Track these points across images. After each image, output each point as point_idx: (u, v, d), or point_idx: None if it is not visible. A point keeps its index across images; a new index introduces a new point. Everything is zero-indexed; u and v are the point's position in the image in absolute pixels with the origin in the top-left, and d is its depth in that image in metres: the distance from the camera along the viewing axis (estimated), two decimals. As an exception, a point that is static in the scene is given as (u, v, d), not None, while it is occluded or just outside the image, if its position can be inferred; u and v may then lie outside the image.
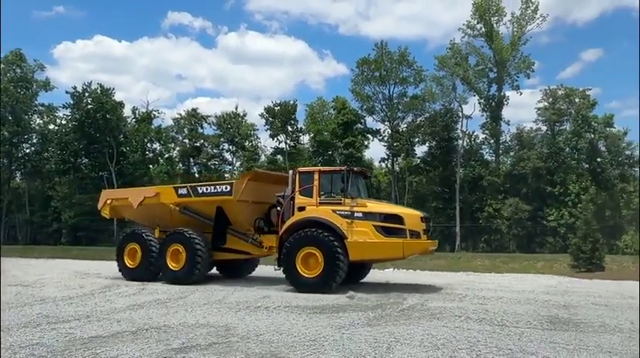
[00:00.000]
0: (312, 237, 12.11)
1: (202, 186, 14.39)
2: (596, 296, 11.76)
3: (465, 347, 6.54)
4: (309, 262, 12.12)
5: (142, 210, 15.00)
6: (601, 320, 8.48)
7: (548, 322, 8.33)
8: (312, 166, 24.78)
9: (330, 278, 11.82)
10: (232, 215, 13.78)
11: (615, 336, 7.30)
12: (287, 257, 12.31)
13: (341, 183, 12.33)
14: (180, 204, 14.32)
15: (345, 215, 12.12)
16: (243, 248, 14.02)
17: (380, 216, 12.18)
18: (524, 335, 7.34)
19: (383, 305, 10.00)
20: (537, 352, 6.35)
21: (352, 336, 7.18)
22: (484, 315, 8.85)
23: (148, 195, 15.04)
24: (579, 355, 6.23)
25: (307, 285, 11.90)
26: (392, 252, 12.05)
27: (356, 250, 11.87)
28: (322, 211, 12.38)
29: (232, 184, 13.50)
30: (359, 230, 11.95)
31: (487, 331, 7.59)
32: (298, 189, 12.85)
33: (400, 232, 11.90)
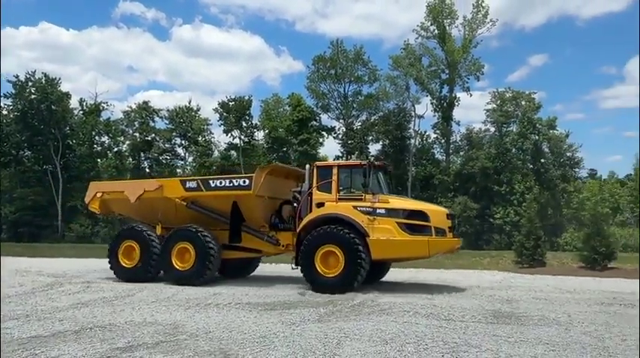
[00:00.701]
0: (332, 234, 11.56)
1: (215, 179, 13.47)
2: (536, 291, 12.28)
3: (412, 342, 6.68)
4: (329, 261, 11.56)
5: (140, 204, 13.86)
6: (541, 313, 8.86)
7: (492, 316, 8.64)
8: (265, 162, 24.53)
9: (351, 277, 11.27)
10: (248, 211, 12.99)
11: (553, 328, 7.64)
12: (305, 255, 11.73)
13: (362, 178, 11.82)
14: (188, 198, 13.32)
15: (366, 211, 11.61)
16: (258, 246, 13.37)
17: (404, 213, 11.67)
18: (469, 328, 7.58)
19: (334, 302, 10.07)
20: (481, 345, 6.57)
21: (302, 332, 7.20)
22: (432, 310, 9.07)
23: (148, 188, 13.88)
24: (520, 347, 6.48)
25: (327, 285, 11.33)
26: (416, 250, 11.56)
27: (378, 248, 11.35)
28: (342, 207, 11.84)
29: (251, 178, 12.64)
30: (381, 227, 11.45)
31: (434, 325, 7.78)
32: (316, 185, 12.26)
33: (425, 229, 11.43)
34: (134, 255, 13.42)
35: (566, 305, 10.01)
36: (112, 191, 14.75)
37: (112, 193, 14.63)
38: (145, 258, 13.23)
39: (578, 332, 7.43)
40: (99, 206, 14.78)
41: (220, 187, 13.04)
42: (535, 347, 6.48)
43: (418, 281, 14.29)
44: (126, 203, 14.09)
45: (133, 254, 13.44)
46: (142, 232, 13.49)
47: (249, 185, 12.54)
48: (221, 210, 13.21)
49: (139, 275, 13.19)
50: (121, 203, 14.44)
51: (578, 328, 7.69)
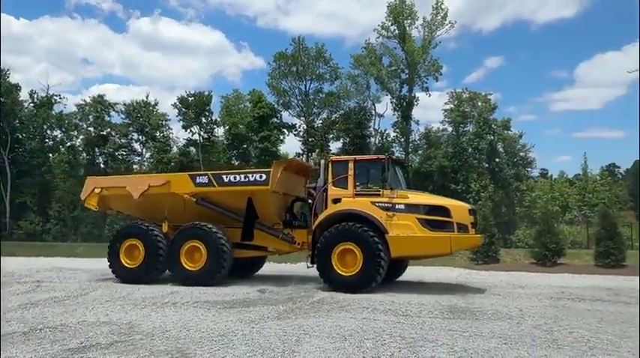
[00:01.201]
0: (349, 231, 11.16)
1: (229, 174, 12.78)
2: (491, 287, 12.65)
3: (371, 338, 6.76)
4: (346, 259, 11.18)
5: (144, 201, 13.07)
6: (494, 308, 9.13)
7: (448, 311, 8.84)
8: (225, 159, 24.14)
9: (371, 276, 10.89)
10: (263, 207, 12.51)
11: (506, 322, 7.89)
12: (322, 253, 11.34)
13: (380, 173, 11.46)
14: (198, 194, 12.70)
15: (385, 207, 11.22)
16: (272, 244, 13.03)
17: (424, 208, 11.29)
18: (426, 324, 7.73)
19: (293, 299, 10.08)
20: (437, 339, 6.71)
21: (262, 330, 7.17)
22: (390, 306, 9.20)
23: (154, 183, 13.14)
24: (474, 341, 6.66)
25: (345, 284, 10.98)
26: (438, 247, 11.20)
27: (398, 245, 10.99)
28: (360, 203, 11.47)
29: (269, 173, 12.12)
30: (401, 223, 11.09)
31: (392, 321, 7.90)
32: (332, 180, 11.91)
33: (447, 225, 11.05)
34: (137, 255, 12.67)
35: (518, 300, 10.35)
36: (113, 186, 13.87)
37: (112, 189, 13.77)
38: (150, 258, 12.50)
39: (529, 325, 7.70)
40: (97, 202, 13.90)
41: (235, 183, 12.42)
42: (489, 341, 6.67)
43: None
44: (128, 199, 13.31)
45: (136, 253, 12.70)
46: (147, 230, 12.73)
47: (266, 180, 12.03)
48: (234, 206, 12.69)
49: (143, 276, 12.48)
50: (122, 199, 13.68)
51: (529, 322, 7.97)
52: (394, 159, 12.05)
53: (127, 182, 13.81)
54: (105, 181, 14.72)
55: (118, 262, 12.82)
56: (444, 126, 43.57)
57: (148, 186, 13.04)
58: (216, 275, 12.09)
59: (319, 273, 11.54)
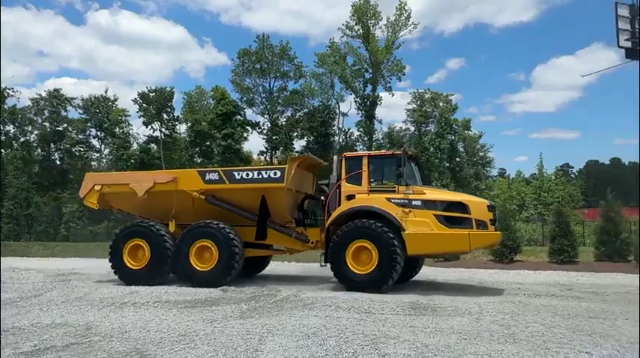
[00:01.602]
0: (364, 228, 10.85)
1: (241, 170, 12.38)
2: (451, 283, 12.92)
3: (334, 335, 6.79)
4: (361, 257, 10.92)
5: (148, 199, 12.50)
6: (454, 304, 9.32)
7: (409, 308, 8.97)
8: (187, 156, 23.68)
9: (386, 275, 10.60)
10: (276, 205, 12.08)
11: (465, 318, 8.08)
12: (335, 252, 11.05)
13: (396, 169, 11.16)
14: (208, 191, 12.26)
15: (401, 203, 10.93)
16: (284, 243, 12.69)
17: (442, 205, 10.98)
18: (388, 321, 7.83)
19: (257, 297, 10.02)
20: (399, 336, 6.80)
21: (224, 329, 7.10)
22: (353, 304, 9.26)
23: (160, 180, 12.54)
24: (435, 337, 6.80)
25: (359, 283, 10.73)
26: (456, 244, 10.94)
27: (415, 243, 10.68)
28: (375, 200, 11.18)
29: (283, 169, 11.74)
30: (418, 220, 10.80)
31: (355, 319, 7.96)
32: (345, 176, 11.62)
33: (465, 222, 10.73)
34: (142, 255, 12.16)
35: (477, 296, 10.60)
36: (115, 183, 13.20)
37: (114, 186, 13.12)
38: (156, 258, 11.96)
39: (488, 321, 7.90)
40: (98, 200, 13.16)
41: (247, 180, 11.98)
42: (449, 337, 6.81)
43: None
44: (131, 197, 12.68)
45: (141, 254, 12.19)
46: (153, 229, 12.17)
47: (281, 177, 11.65)
48: (245, 204, 12.28)
49: (149, 278, 11.93)
50: (124, 197, 13.04)
51: (488, 317, 8.18)
52: (409, 154, 11.73)
53: (131, 179, 13.11)
54: (106, 177, 14.00)
55: (121, 263, 12.23)
56: (407, 126, 44.30)
57: (154, 183, 12.47)
58: (228, 276, 11.67)
59: (333, 272, 11.24)
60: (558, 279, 14.05)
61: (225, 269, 11.63)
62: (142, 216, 13.36)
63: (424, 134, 42.34)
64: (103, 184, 13.11)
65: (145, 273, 11.98)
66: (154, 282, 11.80)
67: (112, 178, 13.93)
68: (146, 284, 11.70)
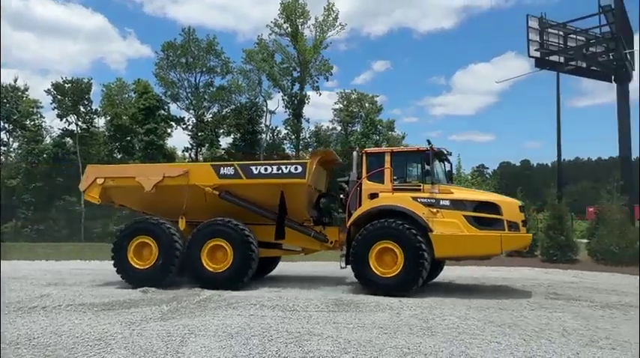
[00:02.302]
0: (389, 228, 10.26)
1: (259, 165, 11.66)
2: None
3: (258, 334, 6.76)
4: (385, 259, 10.36)
5: (157, 194, 11.66)
6: (376, 300, 9.56)
7: (333, 304, 9.11)
8: (106, 152, 22.55)
9: (412, 278, 10.06)
10: (295, 203, 11.42)
11: (386, 313, 8.33)
12: (358, 253, 10.48)
13: (422, 166, 10.79)
14: (222, 187, 11.52)
15: (427, 203, 10.44)
16: (302, 243, 12.12)
17: (472, 205, 10.46)
18: (313, 317, 7.91)
19: (179, 298, 9.75)
20: (323, 332, 6.89)
21: (143, 332, 6.85)
22: (278, 302, 9.26)
23: (170, 173, 11.70)
24: (357, 332, 6.96)
25: (383, 287, 10.18)
26: (487, 247, 10.32)
27: (443, 245, 10.17)
28: (400, 198, 10.63)
29: (305, 164, 11.13)
30: (446, 221, 10.30)
31: (279, 316, 7.97)
32: (368, 174, 11.12)
33: (496, 223, 10.23)
34: (149, 254, 11.35)
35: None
36: (120, 177, 12.24)
37: (118, 179, 12.17)
38: (165, 258, 11.16)
39: (407, 315, 8.20)
40: (100, 194, 12.23)
41: (266, 175, 11.28)
42: (370, 332, 7.00)
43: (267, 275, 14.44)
44: (137, 192, 11.82)
45: (148, 253, 11.38)
46: (161, 226, 11.35)
47: (302, 173, 11.04)
48: (262, 201, 11.60)
49: (156, 279, 11.14)
50: (129, 192, 12.11)
51: (408, 312, 8.49)
52: (436, 150, 11.10)
53: (137, 171, 12.24)
54: (110, 170, 12.97)
55: (126, 263, 11.40)
56: (334, 125, 44.93)
57: (163, 176, 11.65)
58: (244, 278, 11.05)
59: (355, 275, 10.70)
60: (473, 274, 14.83)
61: (241, 271, 11.01)
62: (147, 212, 12.61)
63: (350, 134, 43.12)
64: (105, 177, 12.21)
65: (152, 274, 11.21)
66: (161, 284, 11.09)
67: (117, 171, 12.95)
68: (153, 285, 11.00)
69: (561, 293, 11.15)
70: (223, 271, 10.99)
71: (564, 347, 6.30)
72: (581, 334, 7.01)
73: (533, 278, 13.69)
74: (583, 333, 7.06)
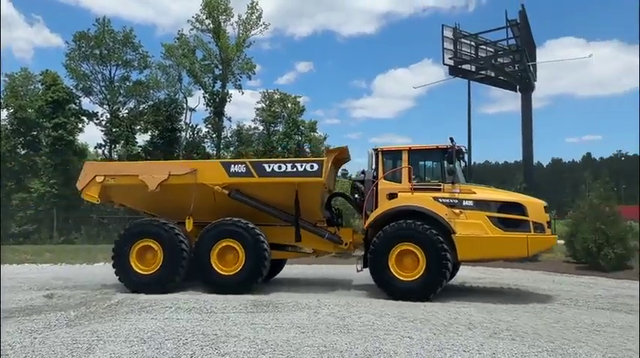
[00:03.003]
0: (410, 229, 9.85)
1: (272, 162, 10.99)
2: (293, 280, 13.30)
3: (172, 338, 6.57)
4: (404, 262, 9.94)
5: (161, 193, 10.91)
6: (295, 300, 9.62)
7: (252, 305, 9.05)
8: (9, 147, 20.81)
9: (434, 282, 9.68)
10: (309, 203, 10.89)
11: (304, 313, 8.40)
12: (376, 255, 10.02)
13: (441, 164, 10.44)
14: (232, 185, 10.87)
15: (450, 203, 10.06)
16: (315, 245, 11.57)
17: (496, 205, 10.10)
18: (230, 319, 7.81)
19: (87, 303, 9.24)
20: (240, 334, 6.83)
21: (46, 340, 6.42)
22: (194, 304, 9.04)
23: (176, 171, 10.96)
24: (275, 332, 6.96)
25: (404, 291, 9.76)
26: (513, 249, 9.97)
27: (466, 247, 9.81)
28: (420, 199, 10.22)
29: (321, 163, 10.55)
30: (470, 222, 9.93)
31: (196, 319, 7.79)
32: (386, 173, 10.76)
33: (522, 225, 9.89)
34: (153, 258, 10.70)
35: (317, 291, 11.08)
36: (121, 174, 11.40)
37: (119, 178, 11.34)
38: (171, 262, 10.55)
39: (325, 314, 8.32)
40: (99, 193, 11.39)
41: (280, 173, 10.72)
42: (288, 331, 7.03)
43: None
44: (138, 191, 11.09)
45: (151, 257, 10.73)
46: (167, 228, 10.70)
47: (319, 171, 10.51)
48: (276, 201, 11.04)
49: (162, 284, 10.49)
50: (131, 191, 11.34)
51: (325, 310, 8.61)
52: (457, 148, 10.66)
53: (140, 169, 11.44)
54: (110, 167, 12.31)
55: (128, 268, 10.70)
56: (256, 125, 44.58)
57: (169, 174, 10.95)
58: (257, 280, 10.59)
59: (374, 278, 10.28)
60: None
61: (253, 274, 10.52)
62: (149, 212, 11.98)
63: (273, 134, 43.00)
64: (105, 175, 11.41)
65: (156, 279, 10.58)
66: (165, 289, 10.47)
67: (118, 168, 12.25)
68: (157, 291, 10.31)
69: (470, 288, 11.83)
70: (235, 274, 10.52)
71: (470, 339, 6.69)
72: (485, 326, 7.49)
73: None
74: (487, 326, 7.54)
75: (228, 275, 10.54)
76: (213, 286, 10.61)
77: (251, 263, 10.50)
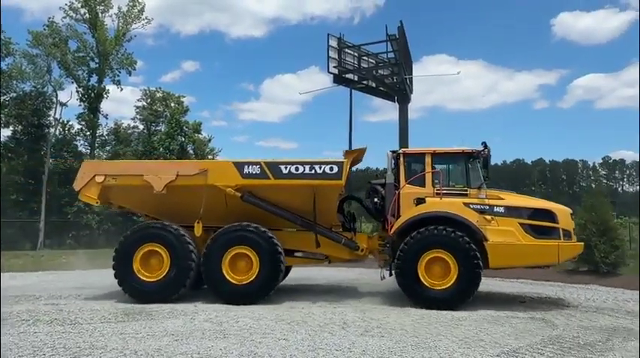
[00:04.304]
0: (442, 236, 9.46)
1: (289, 164, 10.12)
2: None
3: (28, 353, 6.02)
4: (433, 270, 9.55)
5: (167, 195, 10.12)
6: (170, 307, 9.28)
7: (122, 314, 8.58)
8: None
9: (466, 290, 9.37)
10: (325, 207, 10.31)
11: (180, 320, 8.15)
12: (406, 263, 9.56)
13: (466, 169, 10.21)
14: (245, 187, 10.14)
15: (480, 210, 9.74)
16: (331, 251, 10.85)
17: (527, 212, 9.83)
18: (97, 330, 7.33)
19: None
20: (107, 345, 6.43)
21: None
22: (57, 316, 8.37)
23: (185, 172, 10.19)
24: (146, 341, 6.67)
25: (435, 300, 9.36)
26: (544, 257, 9.76)
27: (499, 255, 9.51)
28: (451, 204, 9.81)
29: (341, 164, 9.95)
30: (502, 229, 9.63)
31: (57, 332, 7.20)
32: (406, 177, 10.33)
33: (553, 232, 9.73)
34: (159, 265, 9.98)
35: (195, 298, 10.67)
36: (124, 174, 10.49)
37: (122, 178, 10.43)
38: (178, 269, 9.86)
39: (201, 319, 8.16)
40: (99, 194, 10.50)
41: (297, 175, 10.01)
42: (161, 340, 6.76)
43: (47, 286, 12.89)
44: (142, 192, 10.26)
45: (156, 263, 10.01)
46: (174, 232, 10.02)
47: (339, 173, 9.92)
48: (291, 204, 10.41)
49: (166, 292, 9.83)
50: (133, 192, 10.53)
51: (202, 316, 8.44)
52: (486, 153, 10.30)
53: (146, 169, 10.53)
54: (111, 167, 11.18)
55: (131, 274, 9.95)
56: (136, 124, 42.30)
57: (177, 175, 10.14)
58: (271, 289, 9.97)
59: (402, 286, 9.78)
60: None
61: (268, 283, 9.90)
62: (153, 216, 11.23)
63: (154, 134, 41.10)
64: (106, 175, 10.47)
65: (162, 287, 9.87)
66: (171, 298, 9.82)
67: (120, 168, 11.07)
68: (162, 300, 9.66)
69: (345, 289, 12.30)
70: (249, 283, 9.87)
71: (343, 338, 6.96)
72: (358, 325, 7.84)
73: (331, 276, 14.77)
74: (360, 325, 7.90)
75: (242, 284, 9.90)
76: (224, 296, 9.93)
77: (266, 271, 9.93)
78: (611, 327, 8.08)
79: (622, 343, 6.99)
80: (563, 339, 7.15)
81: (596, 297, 11.51)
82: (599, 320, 8.73)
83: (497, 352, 6.35)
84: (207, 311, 8.89)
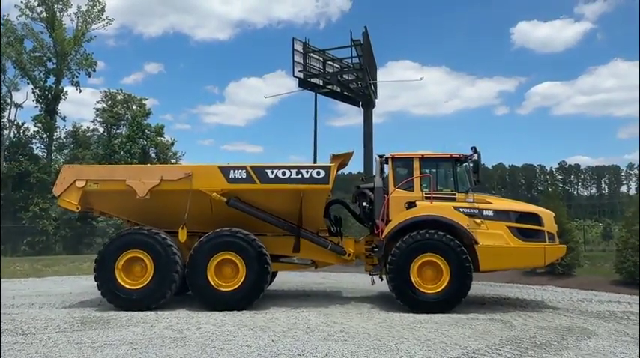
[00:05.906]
0: (434, 240, 9.60)
1: (275, 168, 10.02)
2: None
3: (-25, 366, 5.73)
4: (425, 274, 9.67)
5: (150, 200, 9.91)
6: (130, 314, 9.06)
7: (79, 323, 8.32)
8: None
9: (458, 294, 9.55)
10: (312, 211, 10.29)
11: (139, 327, 7.94)
12: (398, 267, 9.62)
13: (454, 173, 10.36)
14: (231, 192, 9.99)
15: (470, 213, 9.90)
16: (317, 256, 10.86)
17: (514, 215, 10.07)
18: (51, 340, 7.08)
19: None
20: (61, 355, 6.22)
21: None
22: (9, 325, 8.05)
23: (169, 176, 9.99)
24: (103, 350, 6.47)
25: (428, 304, 9.50)
26: (531, 259, 10.19)
27: (489, 258, 9.73)
28: (440, 208, 9.94)
29: (328, 169, 9.96)
30: (491, 232, 9.85)
31: (9, 342, 6.92)
32: (395, 181, 10.38)
33: (539, 235, 10.01)
34: (141, 272, 9.80)
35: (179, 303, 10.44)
36: (106, 179, 10.17)
37: (104, 183, 10.13)
38: (162, 276, 9.68)
39: (162, 327, 7.98)
40: (79, 199, 10.13)
41: (284, 179, 9.95)
42: (119, 348, 6.58)
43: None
44: (124, 198, 10.04)
45: (139, 270, 9.83)
46: (158, 238, 9.81)
47: (326, 178, 9.93)
48: (277, 209, 10.31)
49: (150, 300, 9.62)
50: (116, 197, 10.23)
51: (163, 323, 8.26)
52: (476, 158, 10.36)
53: (128, 174, 10.27)
54: (93, 171, 10.67)
55: (113, 282, 9.70)
56: (95, 126, 41.19)
57: (160, 180, 9.92)
58: (258, 296, 9.82)
59: (394, 291, 9.77)
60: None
61: (254, 289, 9.78)
62: (135, 222, 10.81)
63: (114, 136, 40.12)
64: (87, 180, 10.15)
65: (146, 294, 9.64)
66: (155, 306, 9.62)
67: (102, 172, 10.62)
68: (146, 308, 9.48)
69: (310, 292, 12.28)
70: (235, 289, 9.75)
71: (306, 343, 6.93)
72: (321, 330, 7.83)
73: (298, 281, 14.72)
74: (323, 329, 7.90)
75: (229, 290, 9.76)
76: (209, 303, 9.74)
77: (252, 277, 9.79)
78: (566, 327, 8.33)
79: (575, 342, 7.22)
80: (520, 339, 7.33)
81: (552, 298, 11.85)
82: (555, 320, 8.99)
83: (457, 353, 6.46)
84: (169, 318, 8.71)
